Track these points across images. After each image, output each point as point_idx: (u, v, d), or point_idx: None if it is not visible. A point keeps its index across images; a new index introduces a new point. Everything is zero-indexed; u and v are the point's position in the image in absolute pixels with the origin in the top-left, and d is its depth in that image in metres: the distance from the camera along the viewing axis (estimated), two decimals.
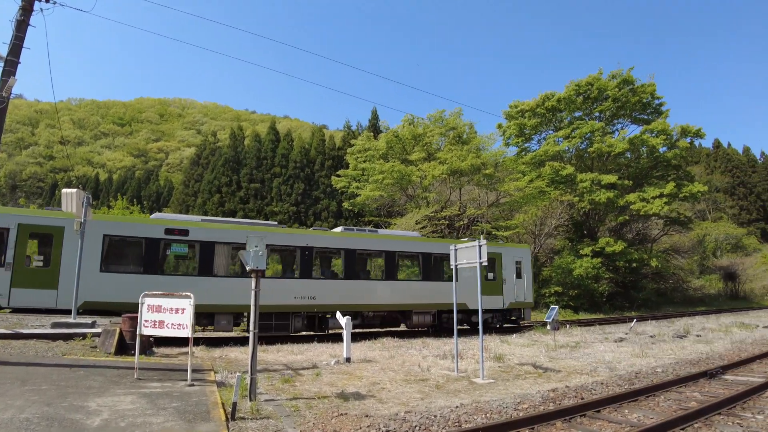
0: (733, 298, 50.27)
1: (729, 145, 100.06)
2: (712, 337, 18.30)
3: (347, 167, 42.20)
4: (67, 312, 14.02)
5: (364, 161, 39.08)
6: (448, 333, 19.23)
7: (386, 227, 35.93)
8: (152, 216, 17.38)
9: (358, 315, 18.13)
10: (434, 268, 20.13)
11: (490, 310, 20.89)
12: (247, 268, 8.14)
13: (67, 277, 14.09)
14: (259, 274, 8.24)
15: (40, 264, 14.50)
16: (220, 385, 8.93)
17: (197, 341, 15.26)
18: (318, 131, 60.32)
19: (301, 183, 45.59)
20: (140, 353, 9.35)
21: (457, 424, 6.77)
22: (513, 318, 22.39)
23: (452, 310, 18.15)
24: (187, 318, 8.77)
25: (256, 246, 8.19)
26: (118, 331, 11.75)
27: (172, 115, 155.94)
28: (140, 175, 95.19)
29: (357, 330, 18.05)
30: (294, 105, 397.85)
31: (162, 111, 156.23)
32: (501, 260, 21.87)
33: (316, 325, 17.68)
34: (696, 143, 44.95)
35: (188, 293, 9.05)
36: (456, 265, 11.94)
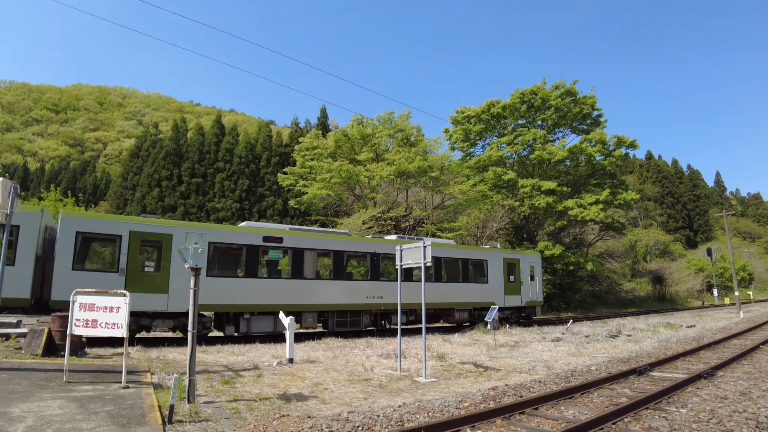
0: (661, 300, 53.26)
1: (660, 157, 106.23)
2: (641, 336, 19.27)
3: (294, 165, 41.67)
4: (181, 315, 15.36)
5: (312, 159, 38.71)
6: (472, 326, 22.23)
7: (333, 227, 35.74)
8: (243, 224, 18.86)
9: (412, 312, 20.57)
10: (470, 271, 23.17)
11: (510, 307, 24.46)
12: (186, 266, 7.85)
13: (176, 282, 15.23)
14: (198, 272, 7.96)
15: (151, 269, 15.31)
16: (157, 387, 8.57)
17: (133, 341, 14.63)
18: (265, 126, 59.24)
19: (245, 179, 44.55)
20: (71, 354, 8.86)
21: (399, 423, 6.78)
22: (526, 314, 25.75)
23: (485, 308, 22.63)
24: (122, 317, 8.38)
25: (196, 243, 7.91)
26: (46, 331, 11.06)
27: (111, 104, 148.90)
28: (75, 165, 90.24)
29: (410, 327, 20.93)
30: (241, 99, 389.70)
31: (101, 99, 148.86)
32: (519, 265, 25.48)
33: (361, 323, 19.41)
34: (630, 154, 47.35)
35: (123, 291, 8.64)
36: (401, 265, 12.00)
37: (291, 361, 12.12)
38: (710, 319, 27.97)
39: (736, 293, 33.59)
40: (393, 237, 21.98)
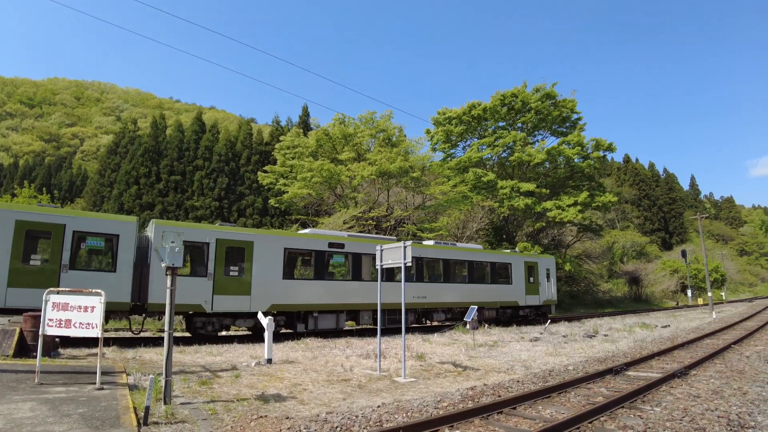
0: (637, 301, 54.15)
1: (637, 160, 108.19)
2: (617, 336, 19.57)
3: (275, 163, 41.34)
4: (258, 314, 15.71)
5: (293, 158, 38.46)
6: (503, 324, 25.10)
7: (313, 226, 35.58)
8: (307, 231, 20.59)
9: (450, 310, 23.12)
10: (496, 273, 25.61)
11: (530, 306, 27.10)
12: (162, 265, 7.72)
13: (257, 285, 16.87)
14: (175, 271, 7.83)
15: (236, 273, 16.58)
16: (133, 388, 8.42)
17: (108, 342, 14.36)
18: (245, 124, 58.66)
19: (225, 177, 44.08)
20: (43, 355, 8.64)
21: (378, 423, 6.77)
22: (542, 312, 28.25)
23: (509, 306, 26.10)
24: (97, 316, 8.20)
25: (173, 242, 7.78)
26: (17, 331, 10.78)
27: (89, 99, 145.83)
28: (51, 161, 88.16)
29: (449, 323, 22.82)
30: (221, 96, 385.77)
31: (78, 94, 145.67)
32: (537, 267, 28.10)
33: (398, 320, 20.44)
34: (609, 157, 48.14)
35: (99, 290, 8.46)
36: (381, 265, 11.98)
37: (270, 361, 12.01)
38: (684, 320, 28.53)
39: (709, 294, 34.35)
40: (431, 242, 24.23)
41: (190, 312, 16.13)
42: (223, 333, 17.36)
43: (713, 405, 7.85)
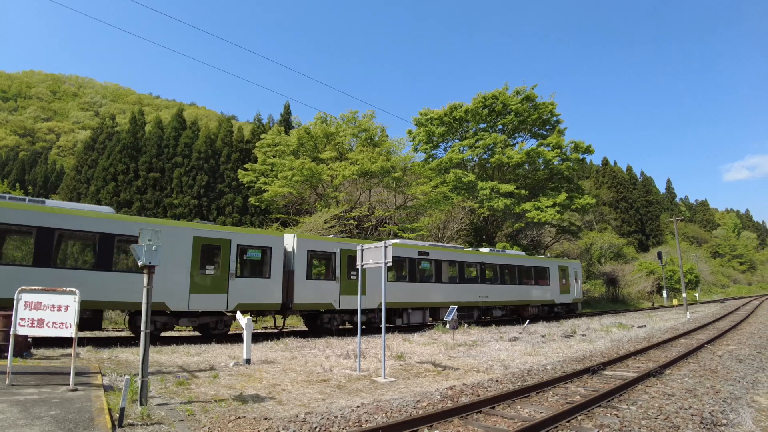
0: (614, 301, 54.96)
1: (615, 163, 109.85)
2: (595, 336, 19.83)
3: (255, 161, 41.01)
4: (371, 311, 20.46)
5: (274, 156, 38.18)
6: (548, 319, 29.01)
7: (294, 225, 35.37)
8: (396, 241, 23.57)
9: (504, 308, 27.79)
10: (539, 276, 30.31)
11: (563, 303, 31.99)
12: (139, 264, 7.57)
13: (370, 286, 19.95)
14: (152, 270, 7.69)
15: (355, 277, 19.81)
16: (108, 389, 8.25)
17: (83, 341, 14.07)
18: (226, 122, 58.03)
19: (204, 175, 43.54)
20: (15, 355, 8.42)
21: (357, 423, 6.74)
22: (571, 308, 33.65)
23: (547, 304, 30.77)
24: (71, 316, 8.01)
25: (150, 240, 7.64)
26: None
27: (66, 93, 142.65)
28: (25, 156, 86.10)
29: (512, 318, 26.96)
30: (202, 92, 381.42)
31: (55, 88, 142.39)
32: (569, 270, 33.16)
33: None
34: (587, 159, 48.86)
35: (73, 289, 8.27)
36: (362, 265, 11.95)
37: (248, 361, 11.89)
38: (660, 320, 29.04)
39: (684, 295, 35.01)
40: (486, 249, 28.44)
41: (322, 310, 19.27)
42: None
43: (687, 403, 7.99)
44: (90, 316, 14.20)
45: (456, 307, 18.55)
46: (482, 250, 28.04)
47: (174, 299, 15.47)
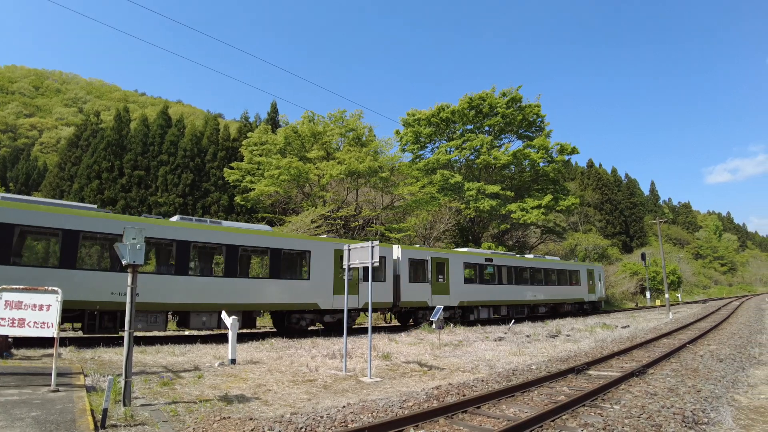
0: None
1: (600, 165, 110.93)
2: (579, 336, 20.00)
3: (241, 160, 40.75)
4: (454, 308, 25.00)
5: (260, 155, 37.95)
6: (569, 315, 32.65)
7: (280, 225, 35.22)
8: (463, 249, 28.94)
9: (547, 305, 32.48)
10: (572, 278, 35.17)
11: (590, 301, 37.06)
12: (123, 262, 7.48)
13: (453, 287, 24.81)
14: (136, 269, 7.60)
15: (441, 280, 24.26)
16: (91, 389, 8.14)
17: (65, 342, 13.86)
18: (212, 119, 57.50)
19: (190, 173, 43.14)
20: None
21: (343, 424, 6.72)
22: (595, 306, 38.38)
23: (578, 302, 35.77)
24: (53, 315, 7.88)
25: (134, 239, 7.55)
26: None
27: (49, 89, 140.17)
28: (7, 153, 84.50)
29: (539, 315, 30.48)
30: (189, 90, 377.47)
31: (37, 83, 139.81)
32: (594, 273, 38.09)
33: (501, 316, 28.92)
34: (573, 160, 49.42)
35: (55, 288, 8.14)
36: (348, 265, 11.93)
37: (233, 361, 11.81)
38: (643, 320, 29.39)
39: (667, 296, 35.47)
40: (531, 256, 33.75)
41: (417, 306, 23.31)
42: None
43: (669, 402, 8.09)
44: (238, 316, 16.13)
45: (441, 307, 18.62)
46: (528, 256, 33.03)
47: (323, 300, 19.31)
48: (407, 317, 24.27)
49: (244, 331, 19.92)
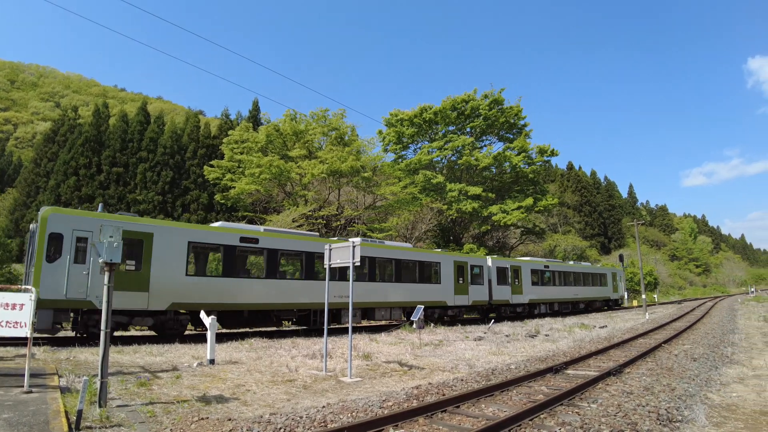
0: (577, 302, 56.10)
1: (580, 168, 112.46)
2: (557, 336, 20.21)
3: (222, 158, 40.35)
4: (502, 305, 30.37)
5: (241, 153, 37.61)
6: (580, 313, 37.70)
7: (261, 224, 34.95)
8: (525, 258, 35.97)
9: (584, 302, 40.02)
10: (602, 279, 42.62)
11: (613, 299, 44.61)
12: (100, 261, 7.34)
13: (525, 288, 31.26)
14: (113, 267, 7.47)
15: (517, 283, 30.84)
16: (65, 390, 7.97)
17: (39, 341, 13.57)
18: (193, 116, 56.79)
19: (169, 171, 42.56)
20: None
21: (322, 424, 6.69)
22: (616, 303, 46.21)
23: (605, 300, 43.77)
24: (26, 315, 7.71)
25: (111, 237, 7.42)
26: None
27: (25, 82, 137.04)
28: None
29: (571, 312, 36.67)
30: (169, 86, 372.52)
31: (13, 76, 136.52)
32: (617, 275, 45.27)
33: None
34: (553, 163, 50.18)
35: (29, 287, 7.96)
36: (329, 264, 11.89)
37: (212, 362, 11.68)
38: (620, 320, 29.83)
39: (643, 296, 36.07)
40: (572, 262, 40.44)
41: (503, 304, 29.76)
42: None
43: (644, 401, 8.22)
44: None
45: (422, 307, 18.65)
46: (570, 263, 39.82)
47: (448, 298, 25.67)
48: (485, 313, 29.67)
49: (223, 331, 19.75)
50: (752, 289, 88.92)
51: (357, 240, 17.39)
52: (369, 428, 6.46)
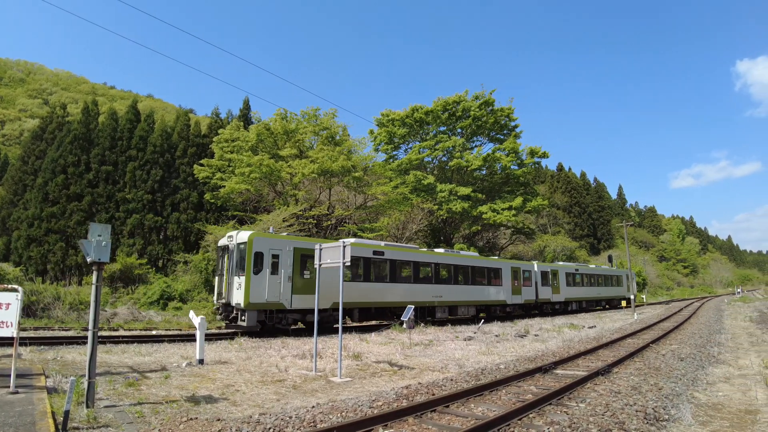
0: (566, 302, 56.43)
1: (570, 169, 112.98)
2: (547, 336, 20.33)
3: (212, 157, 40.10)
4: (558, 303, 37.93)
5: (231, 152, 37.39)
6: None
7: (251, 223, 34.80)
8: (560, 264, 40.21)
9: (605, 300, 46.27)
10: (618, 280, 48.64)
11: (627, 298, 47.83)
12: (88, 260, 7.28)
13: (562, 288, 37.74)
14: (102, 266, 7.40)
15: (555, 284, 36.95)
16: (52, 391, 7.91)
17: (25, 341, 13.43)
18: (183, 115, 56.29)
19: (159, 169, 42.19)
20: None
21: (312, 424, 6.69)
22: (630, 301, 46.71)
23: (619, 299, 50.24)
24: (13, 314, 7.63)
25: (100, 236, 7.36)
26: None
27: (13, 79, 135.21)
28: None
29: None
30: (160, 84, 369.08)
31: (0, 73, 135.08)
32: (630, 277, 48.23)
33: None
34: (543, 164, 50.43)
35: (15, 286, 7.88)
36: (320, 264, 11.87)
37: (201, 362, 11.63)
38: (609, 320, 30.06)
39: (632, 296, 36.37)
40: (593, 266, 46.67)
41: (545, 302, 35.76)
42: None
43: (632, 400, 8.30)
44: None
45: (413, 306, 18.67)
46: (591, 266, 47.03)
47: (508, 298, 31.59)
48: (527, 310, 34.90)
49: (212, 331, 19.65)
50: (738, 290, 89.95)
51: (440, 249, 28.60)
52: (358, 428, 6.46)
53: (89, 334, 7.21)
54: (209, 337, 16.48)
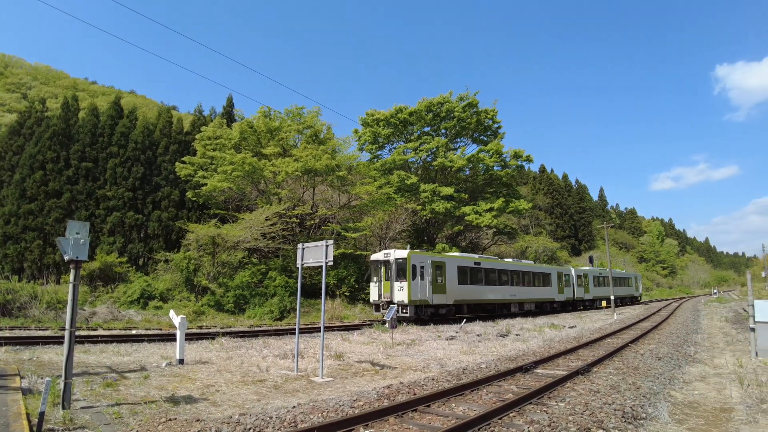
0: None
1: (552, 170, 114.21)
2: (528, 336, 20.50)
3: (194, 154, 39.70)
4: (584, 301, 47.32)
5: (214, 149, 37.05)
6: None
7: (233, 222, 34.53)
8: (586, 268, 48.11)
9: (621, 298, 52.74)
10: (629, 282, 56.39)
11: (635, 296, 58.07)
12: (66, 258, 7.15)
13: (590, 288, 47.60)
14: (80, 265, 7.28)
15: (584, 284, 46.70)
16: (27, 392, 7.75)
17: (1, 341, 13.15)
18: (166, 112, 55.61)
19: (140, 166, 41.62)
20: None
21: (292, 424, 6.65)
22: (638, 299, 59.39)
23: (630, 298, 58.68)
24: None
25: (78, 233, 7.24)
26: None
27: None
28: None
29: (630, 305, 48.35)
30: (142, 80, 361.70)
31: None
32: (637, 278, 59.89)
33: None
34: (526, 166, 50.70)
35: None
36: (302, 264, 11.81)
37: (181, 362, 11.51)
38: (589, 320, 30.42)
39: (612, 297, 36.86)
40: (611, 269, 47.71)
41: (579, 300, 44.27)
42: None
43: (611, 399, 8.40)
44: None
45: (396, 306, 18.70)
46: (611, 269, 46.49)
47: (555, 296, 39.75)
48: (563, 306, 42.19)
49: (193, 330, 19.45)
50: (715, 291, 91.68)
51: (509, 259, 38.11)
52: (339, 428, 6.44)
53: (66, 333, 7.08)
54: (190, 337, 16.32)
